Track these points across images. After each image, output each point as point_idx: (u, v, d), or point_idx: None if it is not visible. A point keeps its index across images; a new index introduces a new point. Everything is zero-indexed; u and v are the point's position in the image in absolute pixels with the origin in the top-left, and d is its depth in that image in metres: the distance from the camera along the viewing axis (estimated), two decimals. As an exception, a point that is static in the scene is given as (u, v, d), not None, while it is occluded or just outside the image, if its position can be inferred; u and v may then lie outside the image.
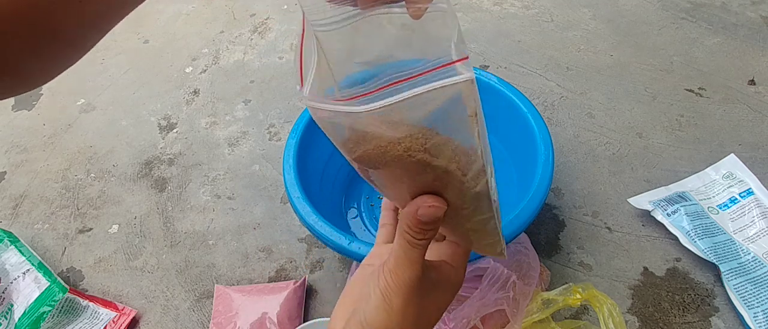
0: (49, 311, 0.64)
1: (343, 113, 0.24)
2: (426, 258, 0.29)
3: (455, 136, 0.25)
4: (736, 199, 0.72)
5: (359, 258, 0.56)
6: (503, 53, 1.01)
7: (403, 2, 0.24)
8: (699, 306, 0.65)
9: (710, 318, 0.63)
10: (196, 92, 0.99)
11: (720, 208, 0.72)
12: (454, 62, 0.23)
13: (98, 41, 0.36)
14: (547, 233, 0.73)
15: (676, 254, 0.69)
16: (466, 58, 0.23)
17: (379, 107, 0.23)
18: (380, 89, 0.24)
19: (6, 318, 0.65)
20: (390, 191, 0.30)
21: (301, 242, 0.74)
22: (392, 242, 0.35)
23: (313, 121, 0.70)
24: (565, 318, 0.64)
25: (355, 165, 0.28)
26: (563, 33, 1.04)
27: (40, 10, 0.32)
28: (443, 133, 0.25)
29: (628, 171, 0.79)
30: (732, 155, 0.76)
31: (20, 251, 0.69)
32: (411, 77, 0.23)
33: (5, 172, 0.88)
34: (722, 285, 0.65)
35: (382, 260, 0.32)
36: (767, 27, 1.01)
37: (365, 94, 0.24)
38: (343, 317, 0.31)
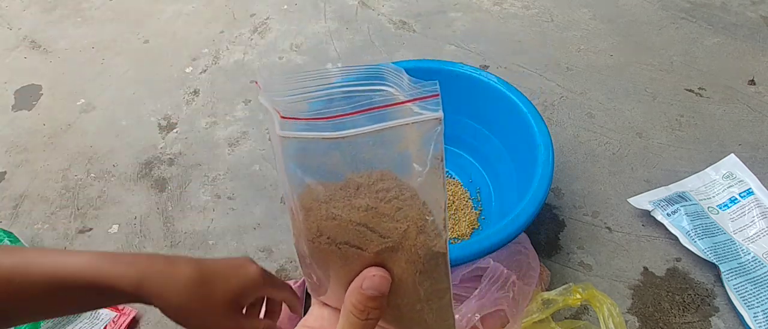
0: (49, 311, 0.64)
1: (318, 139, 0.22)
2: None
3: (423, 184, 0.23)
4: (736, 199, 0.72)
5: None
6: (503, 53, 1.01)
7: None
8: (699, 306, 0.64)
9: (710, 318, 0.63)
10: (196, 92, 0.99)
11: (720, 208, 0.72)
12: (434, 96, 0.22)
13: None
14: (547, 233, 0.73)
15: (676, 254, 0.69)
16: (437, 95, 0.22)
17: (362, 133, 0.21)
18: (358, 112, 0.21)
19: (6, 318, 0.65)
20: (334, 278, 0.26)
21: (301, 242, 0.74)
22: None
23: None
24: (565, 318, 0.64)
25: (310, 247, 0.25)
26: (563, 33, 1.04)
27: None
28: (405, 180, 0.23)
29: (628, 171, 0.79)
30: (732, 155, 0.76)
31: (20, 251, 0.69)
32: (390, 105, 0.21)
33: (5, 172, 0.88)
34: (722, 285, 0.65)
35: (322, 325, 0.29)
36: (767, 27, 1.01)
37: (341, 115, 0.21)
38: None
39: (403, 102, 0.21)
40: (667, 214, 0.69)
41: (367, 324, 0.25)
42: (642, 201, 0.72)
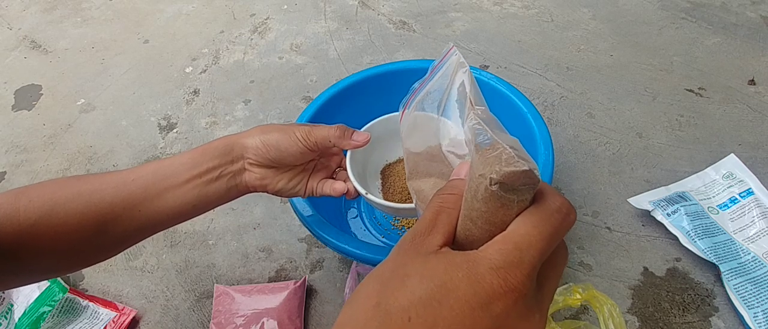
0: (49, 311, 0.64)
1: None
2: None
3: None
4: (736, 199, 0.72)
5: (359, 258, 0.56)
6: (503, 53, 1.01)
7: None
8: (699, 306, 0.65)
9: (710, 318, 0.63)
10: (196, 92, 0.99)
11: (720, 208, 0.72)
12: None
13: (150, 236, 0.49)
14: (547, 233, 0.73)
15: (676, 254, 0.69)
16: None
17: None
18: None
19: (6, 318, 0.65)
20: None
21: (301, 242, 0.74)
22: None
23: (312, 121, 0.70)
24: (565, 318, 0.64)
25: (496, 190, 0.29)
26: (563, 33, 1.04)
27: (106, 223, 0.44)
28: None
29: (628, 171, 0.79)
30: (732, 155, 0.76)
31: (20, 251, 0.69)
32: None
33: (5, 172, 0.88)
34: (722, 285, 0.65)
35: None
36: (767, 27, 1.01)
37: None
38: None
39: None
40: (667, 214, 0.69)
41: (440, 197, 0.31)
42: (642, 201, 0.72)
